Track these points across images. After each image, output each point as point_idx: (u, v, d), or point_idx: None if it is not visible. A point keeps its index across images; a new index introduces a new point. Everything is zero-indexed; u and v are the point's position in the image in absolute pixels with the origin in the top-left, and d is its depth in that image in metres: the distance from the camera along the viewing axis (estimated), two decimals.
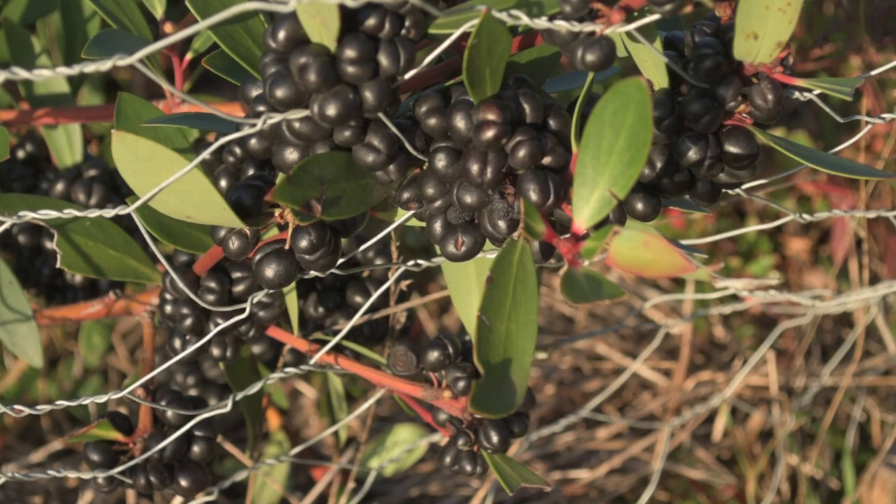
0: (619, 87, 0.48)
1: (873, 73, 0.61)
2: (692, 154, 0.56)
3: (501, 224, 0.54)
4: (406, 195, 0.56)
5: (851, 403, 1.18)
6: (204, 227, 0.66)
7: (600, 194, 0.50)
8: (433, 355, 0.64)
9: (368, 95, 0.51)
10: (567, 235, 0.51)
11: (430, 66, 0.54)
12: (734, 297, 1.19)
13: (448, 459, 0.64)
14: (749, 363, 1.04)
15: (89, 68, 0.48)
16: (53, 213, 0.56)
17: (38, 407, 0.62)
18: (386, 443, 0.96)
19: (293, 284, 0.67)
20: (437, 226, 0.56)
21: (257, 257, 0.59)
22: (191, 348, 0.67)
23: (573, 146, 0.53)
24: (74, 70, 0.49)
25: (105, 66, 0.47)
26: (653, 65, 0.56)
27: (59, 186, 0.83)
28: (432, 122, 0.54)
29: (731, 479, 1.15)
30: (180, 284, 0.65)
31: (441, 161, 0.54)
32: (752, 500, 1.13)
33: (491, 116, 0.52)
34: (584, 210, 0.50)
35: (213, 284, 0.68)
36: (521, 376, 0.53)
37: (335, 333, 0.75)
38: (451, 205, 0.55)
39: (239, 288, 0.68)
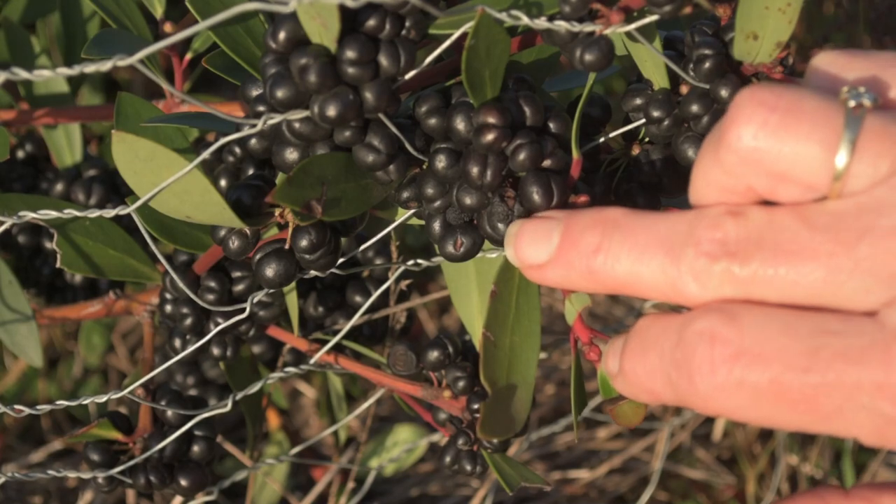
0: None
1: None
2: (692, 154, 0.56)
3: (501, 227, 0.54)
4: (405, 194, 0.56)
5: None
6: (204, 226, 0.66)
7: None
8: (433, 355, 0.64)
9: (369, 96, 0.51)
10: None
11: (431, 66, 0.54)
12: None
13: (448, 459, 0.64)
14: None
15: (89, 68, 0.48)
16: (53, 213, 0.56)
17: (38, 407, 0.62)
18: (386, 443, 0.96)
19: (293, 284, 0.67)
20: (436, 226, 0.56)
21: (257, 257, 0.59)
22: (191, 348, 0.67)
23: (573, 150, 0.53)
24: (74, 70, 0.49)
25: (105, 66, 0.47)
26: (652, 65, 0.56)
27: (59, 186, 0.83)
28: (432, 122, 0.54)
29: (731, 479, 1.15)
30: (180, 284, 0.65)
31: (441, 162, 0.54)
32: (752, 500, 1.13)
33: (491, 120, 0.52)
34: None
35: (213, 284, 0.68)
36: (526, 390, 0.54)
37: (335, 333, 0.75)
38: (450, 205, 0.55)
39: (239, 287, 0.68)
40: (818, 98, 0.44)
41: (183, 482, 0.68)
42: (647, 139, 0.59)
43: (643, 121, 0.57)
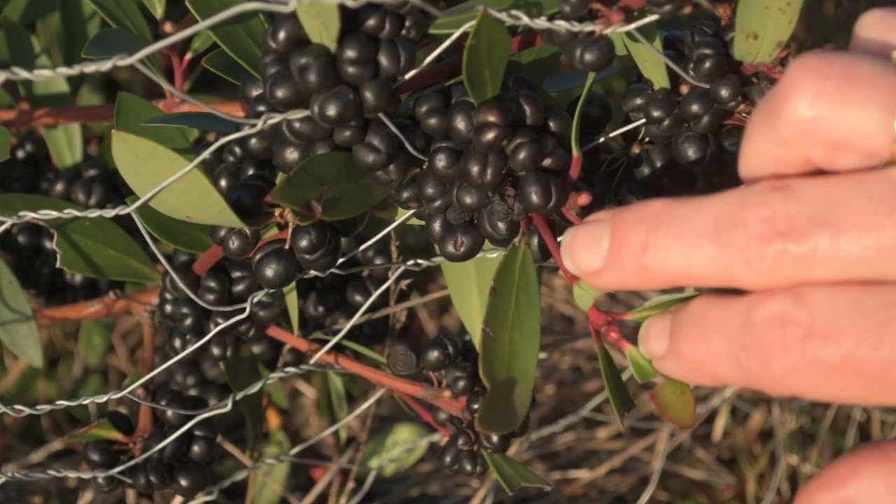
0: None
1: None
2: (692, 153, 0.56)
3: (501, 225, 0.54)
4: (406, 194, 0.56)
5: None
6: (204, 227, 0.66)
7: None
8: (433, 355, 0.64)
9: (369, 96, 0.51)
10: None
11: (430, 66, 0.54)
12: None
13: (448, 459, 0.64)
14: None
15: (89, 68, 0.48)
16: (53, 213, 0.56)
17: (38, 407, 0.62)
18: (386, 443, 0.96)
19: (293, 284, 0.67)
20: (437, 226, 0.56)
21: (257, 257, 0.59)
22: (191, 348, 0.67)
23: (573, 149, 0.53)
24: (74, 70, 0.49)
25: (105, 66, 0.47)
26: (652, 64, 0.56)
27: (59, 186, 0.83)
28: (432, 122, 0.54)
29: (731, 479, 1.15)
30: (180, 284, 0.65)
31: (441, 161, 0.54)
32: (752, 500, 1.13)
33: (492, 118, 0.52)
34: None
35: (213, 284, 0.68)
36: (526, 387, 0.53)
37: (335, 333, 0.75)
38: (450, 205, 0.55)
39: (239, 287, 0.68)
40: (871, 62, 0.43)
41: (183, 482, 0.68)
42: (647, 139, 0.59)
43: (643, 121, 0.57)
